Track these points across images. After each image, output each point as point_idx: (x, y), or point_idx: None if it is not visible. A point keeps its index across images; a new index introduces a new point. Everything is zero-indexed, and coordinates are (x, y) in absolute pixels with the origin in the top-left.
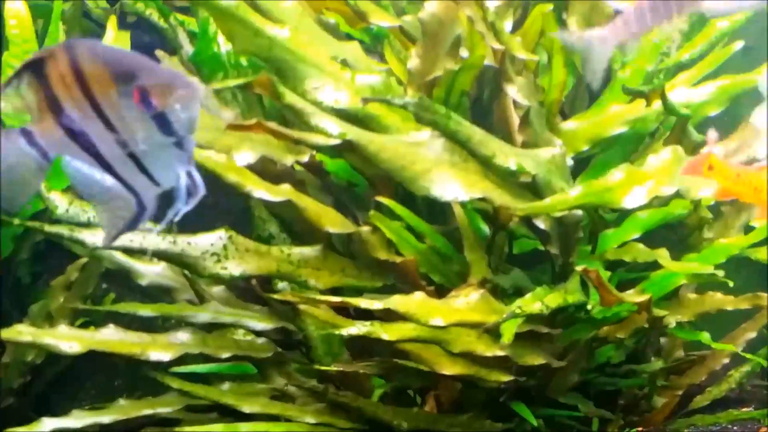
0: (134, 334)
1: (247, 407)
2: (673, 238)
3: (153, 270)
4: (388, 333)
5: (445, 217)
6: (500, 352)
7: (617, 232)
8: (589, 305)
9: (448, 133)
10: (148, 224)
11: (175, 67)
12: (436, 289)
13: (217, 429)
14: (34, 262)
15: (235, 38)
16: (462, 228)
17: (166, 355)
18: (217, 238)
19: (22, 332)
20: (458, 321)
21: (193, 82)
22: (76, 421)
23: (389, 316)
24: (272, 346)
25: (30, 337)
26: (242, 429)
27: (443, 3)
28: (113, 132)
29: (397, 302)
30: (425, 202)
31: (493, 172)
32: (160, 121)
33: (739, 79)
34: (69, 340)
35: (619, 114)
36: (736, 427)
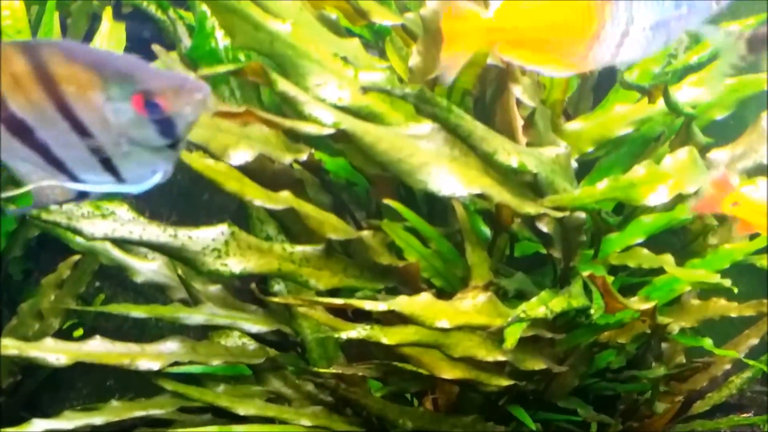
0: (122, 344)
1: (242, 409)
2: (675, 243)
3: (149, 267)
4: (387, 337)
5: (445, 219)
6: (501, 357)
7: (620, 237)
8: (593, 310)
9: (449, 127)
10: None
11: (173, 63)
12: (436, 293)
13: (212, 431)
14: (26, 259)
15: (235, 33)
16: (464, 230)
17: (156, 364)
18: (219, 233)
19: (8, 346)
20: (464, 323)
21: (202, 84)
22: (67, 422)
23: (389, 319)
24: (264, 352)
25: (15, 351)
26: (237, 431)
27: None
28: (85, 135)
29: (402, 303)
30: (426, 203)
31: (495, 169)
32: (163, 125)
33: (748, 79)
34: (55, 353)
35: (624, 114)
36: None
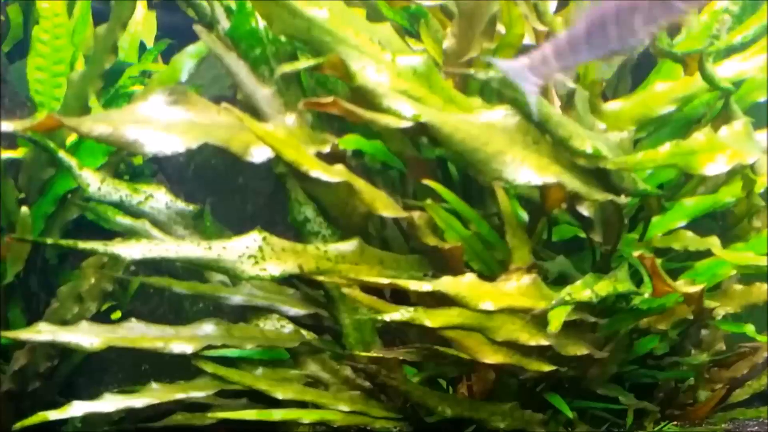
0: (156, 327)
1: (281, 393)
2: (714, 228)
3: None
4: (431, 319)
5: (482, 202)
6: (544, 341)
7: (663, 219)
8: (645, 294)
9: (527, 113)
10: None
11: (212, 43)
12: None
13: (251, 415)
14: None
15: (273, 20)
16: (505, 213)
17: (189, 347)
18: (251, 240)
19: (41, 331)
20: (508, 306)
21: None
22: (107, 404)
23: (429, 304)
24: (300, 335)
25: (50, 336)
26: (275, 415)
27: None
28: None
29: (447, 284)
30: (462, 186)
31: (569, 154)
32: None
33: None
34: (89, 336)
35: (665, 92)
36: None
